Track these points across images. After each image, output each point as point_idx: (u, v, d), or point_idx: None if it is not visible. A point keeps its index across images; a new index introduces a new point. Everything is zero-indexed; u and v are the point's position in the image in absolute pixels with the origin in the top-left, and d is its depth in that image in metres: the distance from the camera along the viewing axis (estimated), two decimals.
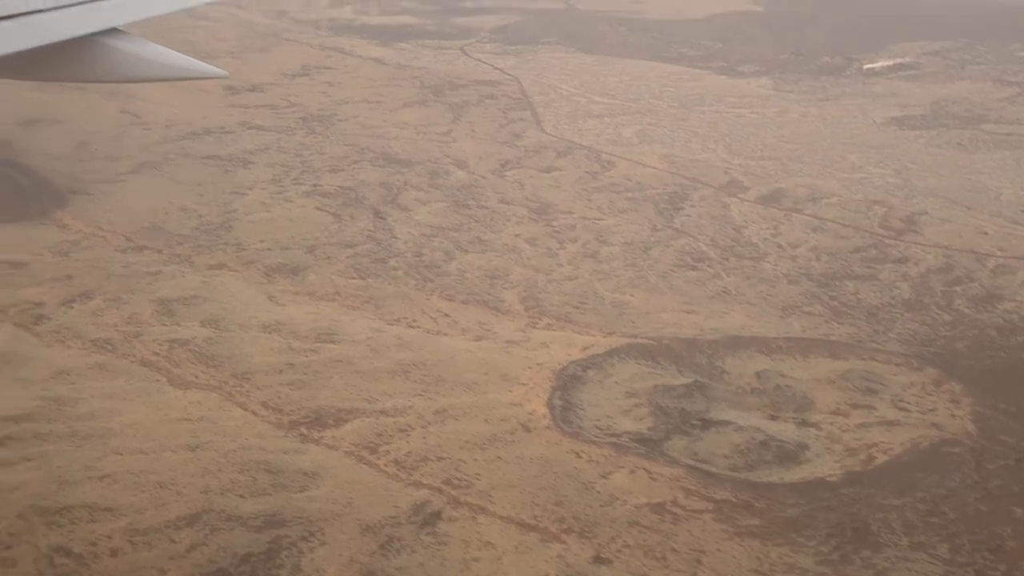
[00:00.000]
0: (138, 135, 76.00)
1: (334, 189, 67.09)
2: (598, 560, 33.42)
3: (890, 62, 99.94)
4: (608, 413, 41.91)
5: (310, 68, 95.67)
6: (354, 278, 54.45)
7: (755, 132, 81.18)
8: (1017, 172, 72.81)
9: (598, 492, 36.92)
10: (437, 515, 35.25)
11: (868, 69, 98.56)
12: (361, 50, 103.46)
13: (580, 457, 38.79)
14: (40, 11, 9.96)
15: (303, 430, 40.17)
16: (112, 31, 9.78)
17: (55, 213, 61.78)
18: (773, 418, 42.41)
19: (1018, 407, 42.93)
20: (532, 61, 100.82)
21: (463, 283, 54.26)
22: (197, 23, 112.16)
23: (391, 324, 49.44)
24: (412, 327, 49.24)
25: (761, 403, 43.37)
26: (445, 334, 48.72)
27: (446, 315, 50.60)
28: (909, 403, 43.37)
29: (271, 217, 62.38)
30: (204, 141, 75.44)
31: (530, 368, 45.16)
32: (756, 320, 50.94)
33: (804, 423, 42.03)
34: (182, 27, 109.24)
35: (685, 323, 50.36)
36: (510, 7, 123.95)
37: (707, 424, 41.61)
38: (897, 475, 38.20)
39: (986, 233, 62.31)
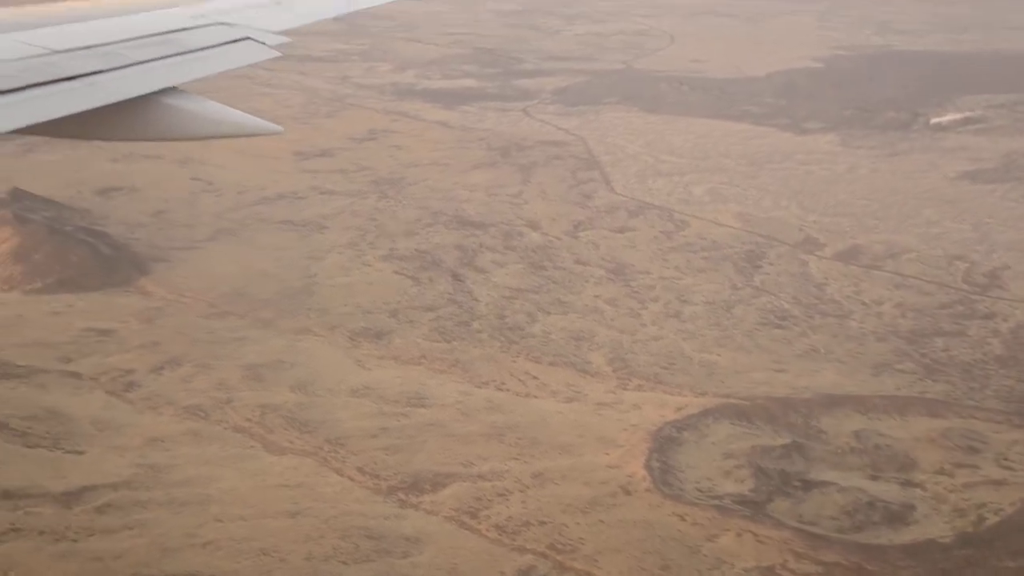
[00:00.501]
0: (212, 202, 76.66)
1: (411, 252, 67.20)
2: None
3: (957, 116, 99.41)
4: (708, 475, 41.39)
5: (377, 132, 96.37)
6: (439, 341, 54.36)
7: (827, 188, 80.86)
8: None
9: (705, 556, 36.38)
10: None
11: (935, 123, 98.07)
12: (426, 113, 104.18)
13: (684, 520, 38.26)
14: (100, 71, 10.20)
15: (402, 495, 39.92)
16: (170, 89, 10.00)
17: (137, 280, 62.21)
18: (875, 478, 41.73)
19: None
20: (596, 121, 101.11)
21: (548, 345, 54.04)
22: (262, 90, 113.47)
23: (480, 387, 49.24)
24: (501, 390, 49.02)
25: (862, 463, 42.72)
26: (535, 396, 48.46)
27: (534, 377, 50.36)
28: (1014, 462, 42.60)
29: (351, 281, 62.52)
30: (278, 206, 75.93)
31: (625, 430, 44.77)
32: (848, 378, 50.35)
33: (908, 483, 41.32)
34: (247, 95, 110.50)
35: (776, 382, 49.85)
36: (569, 68, 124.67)
37: (809, 485, 40.99)
38: (1010, 536, 37.43)
39: None
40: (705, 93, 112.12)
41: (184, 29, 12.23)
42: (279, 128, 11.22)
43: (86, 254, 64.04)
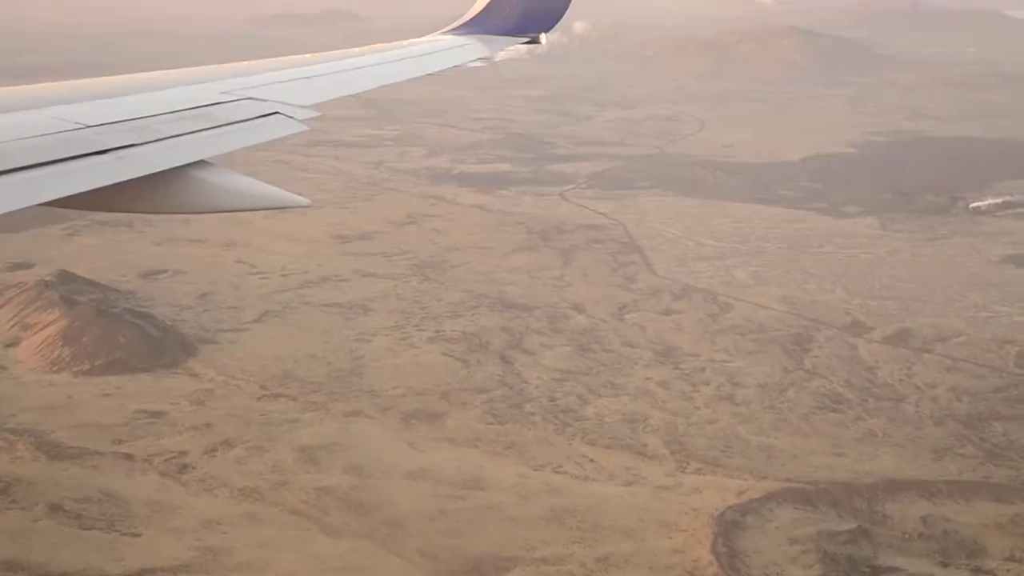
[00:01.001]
0: (257, 284, 76.81)
1: (457, 335, 67.03)
2: None
3: (996, 200, 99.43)
4: (775, 560, 40.73)
5: (416, 216, 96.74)
6: (493, 423, 53.98)
7: (870, 272, 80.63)
8: None
9: None
10: None
11: (974, 208, 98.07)
12: (463, 198, 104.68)
13: None
14: (131, 145, 10.46)
15: None
16: (200, 163, 10.33)
17: (186, 362, 62.14)
18: (945, 565, 41.05)
19: None
20: (633, 205, 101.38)
21: (603, 427, 53.60)
22: (299, 174, 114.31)
23: (537, 470, 48.78)
24: (559, 472, 48.55)
25: (930, 549, 42.03)
26: (593, 479, 47.95)
27: (591, 460, 49.88)
28: None
29: (399, 363, 62.31)
30: (322, 289, 75.98)
31: (686, 514, 44.16)
32: (909, 463, 49.69)
33: (979, 570, 40.67)
34: (284, 178, 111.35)
35: (837, 466, 49.24)
36: (603, 153, 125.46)
37: (878, 571, 40.40)
38: None
39: None
40: (740, 177, 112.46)
41: (214, 104, 12.52)
42: (306, 201, 11.40)
43: (134, 336, 64.02)
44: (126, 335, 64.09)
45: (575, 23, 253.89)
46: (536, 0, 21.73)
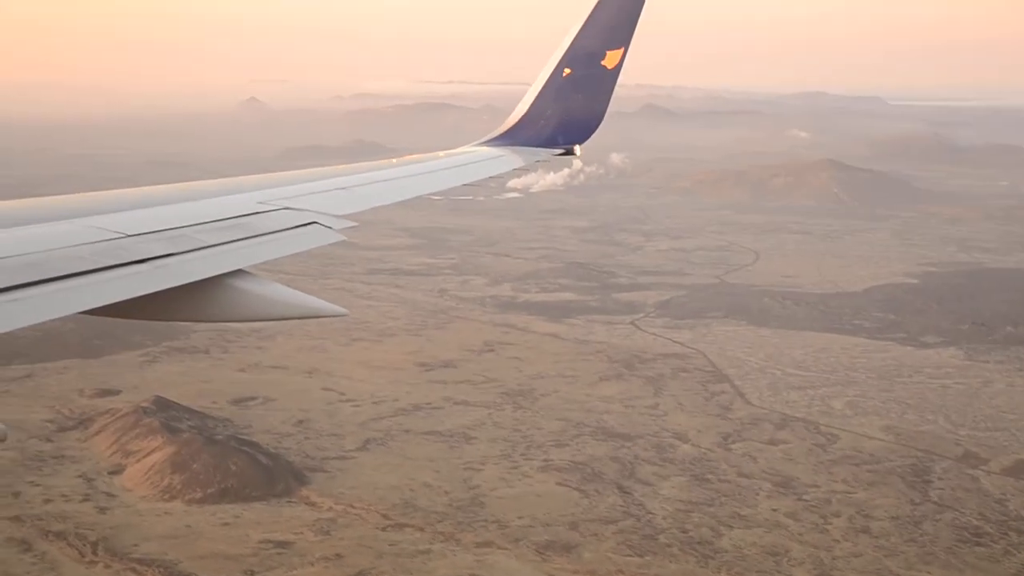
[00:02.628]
0: (351, 412, 75.81)
1: (567, 464, 65.92)
2: None
3: None
4: None
5: (493, 344, 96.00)
6: (630, 555, 52.65)
7: (968, 403, 79.53)
8: None
9: None
10: None
11: None
12: (534, 326, 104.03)
13: None
14: (170, 254, 10.24)
15: None
16: (238, 272, 10.02)
17: (299, 490, 60.96)
18: None
19: None
20: (708, 335, 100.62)
21: (745, 560, 52.23)
22: (363, 302, 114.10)
23: None
24: None
25: None
26: None
27: None
28: None
29: (517, 493, 61.08)
30: (417, 417, 74.96)
31: None
32: None
33: None
34: (350, 306, 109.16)
35: None
36: (664, 283, 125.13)
37: None
38: None
39: None
40: (809, 307, 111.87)
41: (252, 213, 12.43)
42: (343, 310, 11.16)
43: (245, 464, 62.91)
44: (237, 463, 62.98)
45: (611, 155, 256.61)
46: (571, 112, 21.36)
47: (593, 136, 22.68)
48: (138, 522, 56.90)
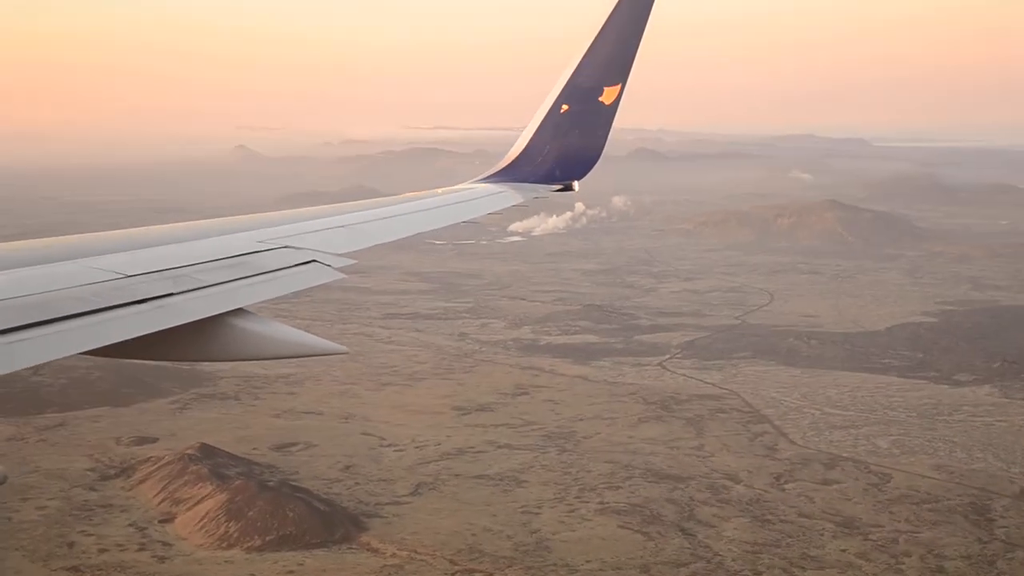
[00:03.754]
0: (395, 457, 74.99)
1: (625, 506, 65.21)
2: None
3: None
4: None
5: (525, 387, 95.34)
6: None
7: (1015, 440, 79.22)
8: None
9: None
10: None
11: None
12: (562, 369, 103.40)
13: None
14: (170, 294, 10.42)
15: None
16: (238, 311, 9.87)
17: (359, 536, 60.09)
18: None
19: None
20: (739, 375, 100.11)
21: None
22: (386, 346, 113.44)
23: None
24: None
25: None
26: None
27: None
28: None
29: (580, 536, 60.27)
30: (463, 461, 74.16)
31: None
32: None
33: None
34: (373, 350, 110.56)
35: None
36: (685, 324, 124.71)
37: None
38: None
39: None
40: (835, 347, 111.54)
41: (252, 252, 12.33)
42: (344, 349, 11.01)
43: (302, 510, 61.97)
44: (294, 509, 62.05)
45: (613, 198, 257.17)
46: (569, 148, 21.29)
47: (589, 179, 22.58)
48: (200, 571, 56.00)
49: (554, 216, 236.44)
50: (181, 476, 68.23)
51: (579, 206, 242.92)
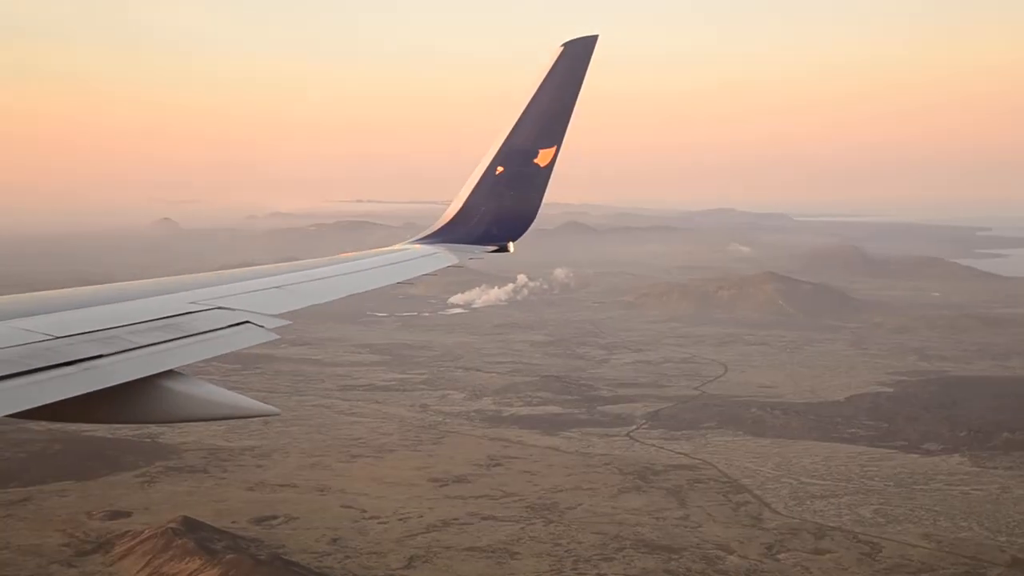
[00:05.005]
0: (381, 530, 73.71)
1: None
2: None
3: None
4: None
5: (497, 458, 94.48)
6: None
7: (995, 509, 79.75)
8: None
9: None
10: None
11: None
12: (530, 440, 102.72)
13: None
14: (100, 356, 10.35)
15: None
16: (169, 373, 10.08)
17: None
18: None
19: None
20: (709, 445, 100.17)
21: None
22: (347, 418, 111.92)
23: None
24: None
25: None
26: None
27: None
28: None
29: None
30: (450, 533, 73.14)
31: None
32: None
33: None
34: (335, 423, 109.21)
35: None
36: (646, 395, 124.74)
37: None
38: None
39: None
40: (800, 417, 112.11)
41: (184, 313, 12.36)
42: (275, 410, 11.18)
43: None
44: None
45: (555, 270, 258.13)
46: (504, 209, 21.36)
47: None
48: None
49: (496, 288, 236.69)
50: (166, 550, 66.43)
51: (521, 278, 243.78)
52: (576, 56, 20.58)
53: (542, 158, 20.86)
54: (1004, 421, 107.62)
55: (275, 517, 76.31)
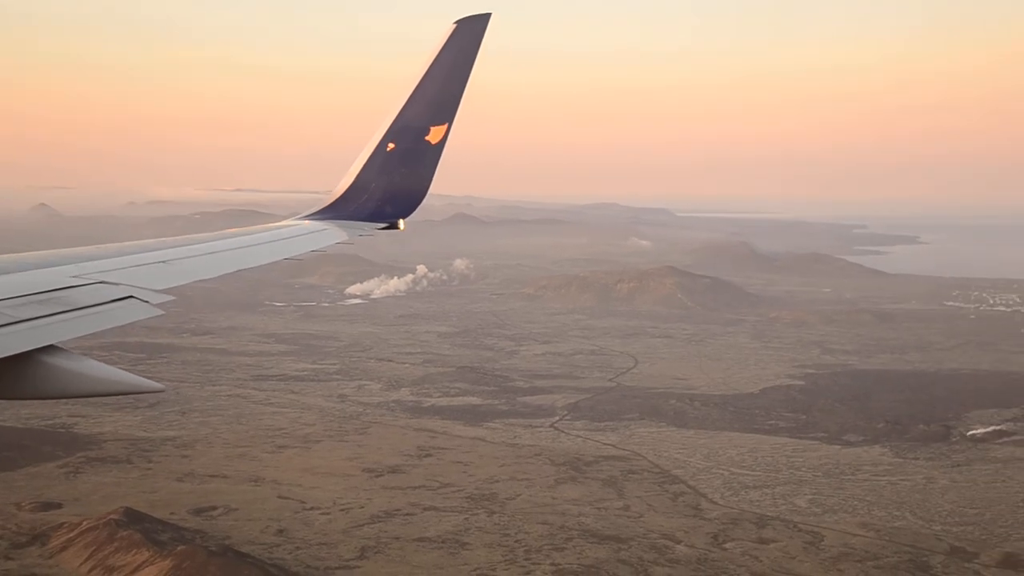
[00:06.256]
0: (325, 520, 72.63)
1: (578, 567, 64.83)
2: None
3: (989, 429, 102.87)
4: None
5: (427, 448, 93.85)
6: None
7: (924, 499, 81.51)
8: None
9: None
10: None
11: (971, 435, 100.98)
12: (456, 431, 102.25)
13: None
14: None
15: None
16: (50, 348, 10.55)
17: None
18: None
19: None
20: (634, 436, 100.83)
21: None
22: (265, 408, 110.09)
23: None
24: None
25: None
26: None
27: None
28: None
29: None
30: (396, 523, 72.44)
31: None
32: None
33: None
34: (253, 413, 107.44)
35: None
36: (563, 386, 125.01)
37: None
38: None
39: None
40: (719, 409, 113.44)
41: (66, 288, 12.44)
42: (160, 386, 11.50)
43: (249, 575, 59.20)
44: (250, 575, 59.18)
45: (456, 260, 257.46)
46: (395, 186, 21.44)
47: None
48: None
49: (395, 279, 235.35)
50: (110, 542, 64.55)
51: (420, 269, 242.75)
52: (469, 34, 20.44)
53: (433, 135, 20.75)
54: (917, 413, 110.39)
55: (214, 508, 74.70)
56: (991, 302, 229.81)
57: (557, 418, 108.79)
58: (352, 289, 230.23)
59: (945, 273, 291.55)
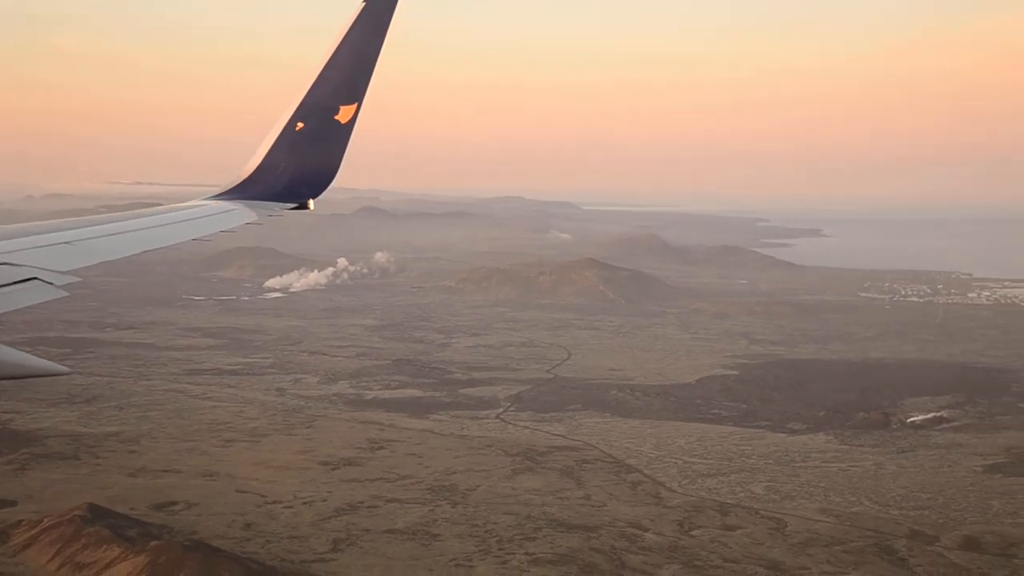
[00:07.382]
0: (289, 514, 71.87)
1: (553, 556, 65.04)
2: None
3: (927, 416, 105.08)
4: None
5: (378, 441, 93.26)
6: None
7: (876, 484, 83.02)
8: None
9: None
10: None
11: (911, 423, 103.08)
12: (402, 423, 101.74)
13: None
14: None
15: None
16: None
17: None
18: None
19: None
20: (581, 427, 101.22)
21: None
22: (203, 402, 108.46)
23: None
24: None
25: None
26: None
27: None
28: None
29: None
30: (362, 516, 72.00)
31: None
32: None
33: None
34: (192, 408, 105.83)
35: None
36: (501, 378, 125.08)
37: None
38: None
39: None
40: (659, 399, 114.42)
41: None
42: (66, 369, 11.75)
43: (239, 571, 58.55)
44: (230, 570, 58.47)
45: (377, 254, 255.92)
46: (304, 166, 21.39)
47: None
48: None
49: (315, 272, 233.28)
50: (77, 539, 63.12)
51: (341, 262, 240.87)
52: (378, 13, 20.35)
53: (343, 115, 20.65)
54: (854, 401, 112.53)
55: (173, 503, 73.52)
56: (903, 293, 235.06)
57: (501, 409, 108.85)
58: (271, 282, 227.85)
59: (855, 265, 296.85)
